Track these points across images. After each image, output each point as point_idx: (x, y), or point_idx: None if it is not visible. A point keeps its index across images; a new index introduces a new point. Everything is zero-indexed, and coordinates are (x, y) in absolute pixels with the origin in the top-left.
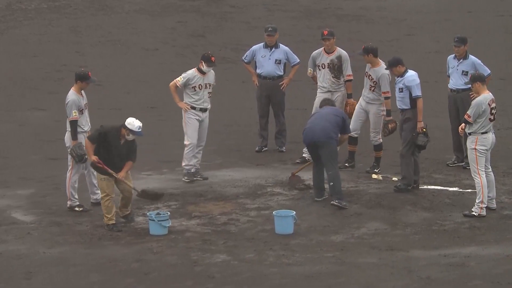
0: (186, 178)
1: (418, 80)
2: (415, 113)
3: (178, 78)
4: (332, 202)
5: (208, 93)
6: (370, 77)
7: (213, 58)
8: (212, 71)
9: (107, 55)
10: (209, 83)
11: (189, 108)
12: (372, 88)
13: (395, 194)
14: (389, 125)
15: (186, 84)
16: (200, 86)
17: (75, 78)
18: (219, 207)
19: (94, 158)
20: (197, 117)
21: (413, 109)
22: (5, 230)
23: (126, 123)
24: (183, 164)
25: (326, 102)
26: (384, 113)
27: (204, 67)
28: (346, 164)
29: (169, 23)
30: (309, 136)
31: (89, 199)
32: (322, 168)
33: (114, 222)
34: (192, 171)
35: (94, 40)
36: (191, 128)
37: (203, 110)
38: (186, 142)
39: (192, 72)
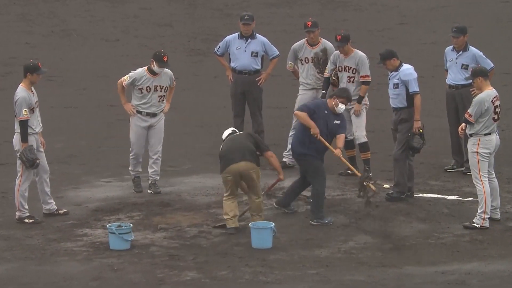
0: (133, 187)
1: (415, 74)
2: (411, 113)
3: (125, 77)
4: (310, 221)
5: (159, 96)
6: (347, 68)
7: (165, 58)
8: (168, 72)
9: (61, 46)
10: (160, 86)
11: (135, 112)
12: (352, 79)
13: (387, 203)
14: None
15: (132, 84)
16: (148, 88)
17: (23, 71)
18: (188, 218)
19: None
20: (143, 123)
21: (409, 108)
22: None
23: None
24: (129, 169)
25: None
26: (367, 104)
27: (155, 67)
28: (349, 172)
29: (132, 10)
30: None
31: (41, 210)
32: (304, 182)
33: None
34: (137, 176)
35: (46, 30)
36: (134, 136)
37: (151, 115)
38: (130, 149)
39: (141, 71)
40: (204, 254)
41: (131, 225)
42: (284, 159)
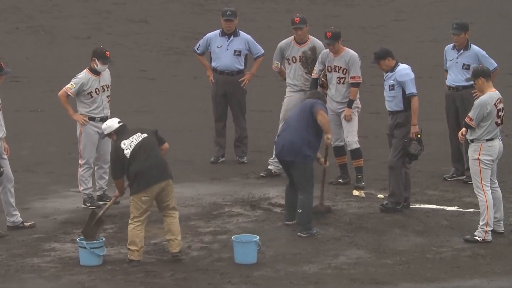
0: (88, 204)
1: (412, 75)
2: (408, 117)
3: (69, 85)
4: (298, 233)
5: (107, 96)
6: (336, 68)
7: (108, 53)
8: (106, 68)
9: (27, 44)
10: (106, 85)
11: (87, 120)
12: (342, 80)
13: (381, 214)
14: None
15: (79, 92)
16: (97, 90)
17: None
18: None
19: None
20: (97, 129)
21: (406, 112)
22: None
23: None
24: (81, 188)
25: (311, 95)
26: (358, 107)
27: (98, 65)
28: (340, 180)
29: (104, 5)
30: (277, 151)
31: (4, 222)
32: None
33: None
34: (97, 194)
35: (10, 26)
36: (89, 145)
37: (104, 119)
38: (80, 162)
39: (84, 75)
40: (182, 271)
41: (104, 238)
42: (270, 167)
